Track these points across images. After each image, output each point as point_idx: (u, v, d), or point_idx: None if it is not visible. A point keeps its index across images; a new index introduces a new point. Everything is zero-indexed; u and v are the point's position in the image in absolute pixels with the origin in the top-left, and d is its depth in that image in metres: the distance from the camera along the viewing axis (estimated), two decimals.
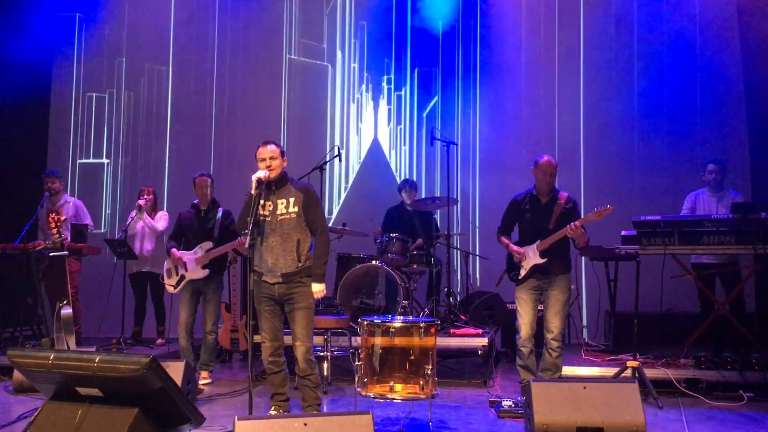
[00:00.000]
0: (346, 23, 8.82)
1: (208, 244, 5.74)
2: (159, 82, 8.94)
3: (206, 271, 5.72)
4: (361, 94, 8.72)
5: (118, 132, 8.94)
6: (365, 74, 8.72)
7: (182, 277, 5.75)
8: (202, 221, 5.85)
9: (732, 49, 7.73)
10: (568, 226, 4.90)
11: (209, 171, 7.11)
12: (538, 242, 5.05)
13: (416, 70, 8.64)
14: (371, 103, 8.69)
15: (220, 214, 5.86)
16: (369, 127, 8.70)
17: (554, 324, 5.04)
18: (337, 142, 8.52)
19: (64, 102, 9.02)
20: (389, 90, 8.66)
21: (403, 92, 8.65)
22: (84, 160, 8.94)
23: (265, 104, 8.79)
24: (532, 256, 5.06)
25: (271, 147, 4.36)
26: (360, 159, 8.70)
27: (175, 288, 5.80)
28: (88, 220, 7.00)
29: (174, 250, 5.76)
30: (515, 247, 5.16)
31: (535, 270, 5.07)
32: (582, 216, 5.12)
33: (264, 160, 4.33)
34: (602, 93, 8.09)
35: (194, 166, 8.50)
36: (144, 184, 7.34)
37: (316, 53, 8.82)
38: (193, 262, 5.72)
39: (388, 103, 8.66)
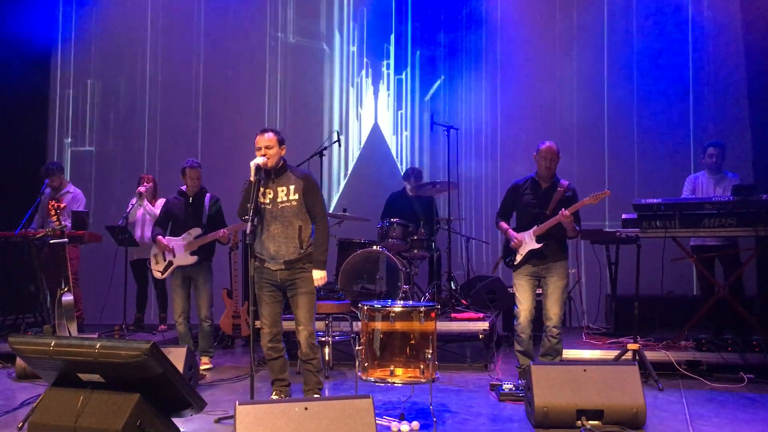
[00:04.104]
0: (344, 3, 8.75)
1: (197, 231, 5.70)
2: (147, 66, 8.88)
3: (195, 258, 5.68)
4: (361, 78, 8.67)
5: (118, 119, 8.91)
6: (365, 58, 8.66)
7: (170, 263, 5.72)
8: (190, 208, 5.78)
9: (733, 29, 7.67)
10: (559, 212, 4.90)
11: (197, 158, 6.92)
12: (534, 227, 5.04)
13: (417, 53, 8.58)
14: (371, 87, 8.64)
15: (207, 200, 5.81)
16: (369, 112, 8.66)
17: (554, 311, 5.03)
18: (336, 127, 8.50)
19: (63, 88, 8.97)
20: (389, 74, 8.61)
21: (404, 76, 8.59)
22: (79, 147, 8.92)
23: (258, 88, 8.72)
24: (528, 242, 5.06)
25: (269, 135, 4.33)
26: (360, 144, 8.67)
27: (162, 273, 5.78)
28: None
29: (160, 237, 5.68)
30: (513, 233, 5.15)
31: (531, 255, 5.06)
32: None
33: (260, 149, 4.30)
34: (602, 78, 8.05)
35: (185, 153, 8.48)
36: (141, 172, 7.31)
37: (313, 35, 8.75)
38: (181, 248, 5.68)
39: (389, 87, 8.61)
